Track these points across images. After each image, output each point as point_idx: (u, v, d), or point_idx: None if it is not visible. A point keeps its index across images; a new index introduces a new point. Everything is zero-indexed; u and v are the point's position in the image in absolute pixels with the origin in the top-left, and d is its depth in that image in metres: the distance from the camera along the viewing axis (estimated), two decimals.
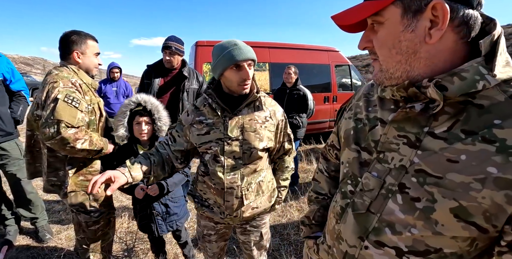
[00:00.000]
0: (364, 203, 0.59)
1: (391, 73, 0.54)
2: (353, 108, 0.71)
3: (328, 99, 5.55)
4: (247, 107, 1.20)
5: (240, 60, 1.07)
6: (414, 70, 0.51)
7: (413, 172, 0.51)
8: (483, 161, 0.44)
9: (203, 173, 1.25)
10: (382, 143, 0.57)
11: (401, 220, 0.52)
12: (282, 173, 1.41)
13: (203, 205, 1.29)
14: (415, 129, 0.52)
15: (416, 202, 0.50)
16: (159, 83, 2.30)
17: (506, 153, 0.42)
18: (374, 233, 0.57)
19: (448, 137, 0.48)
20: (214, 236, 1.39)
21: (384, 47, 0.52)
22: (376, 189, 0.57)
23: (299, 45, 5.45)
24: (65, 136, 1.37)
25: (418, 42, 0.49)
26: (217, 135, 1.17)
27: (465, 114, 0.47)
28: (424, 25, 0.47)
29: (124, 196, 3.28)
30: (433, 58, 0.49)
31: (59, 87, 1.41)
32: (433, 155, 0.49)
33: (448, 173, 0.47)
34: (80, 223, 1.63)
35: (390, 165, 0.55)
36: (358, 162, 0.63)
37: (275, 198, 1.37)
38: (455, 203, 0.46)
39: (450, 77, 0.47)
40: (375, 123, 0.61)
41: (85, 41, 1.54)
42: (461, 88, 0.46)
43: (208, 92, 1.19)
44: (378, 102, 0.62)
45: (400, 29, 0.49)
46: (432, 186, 0.48)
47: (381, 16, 0.51)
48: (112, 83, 4.01)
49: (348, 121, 0.70)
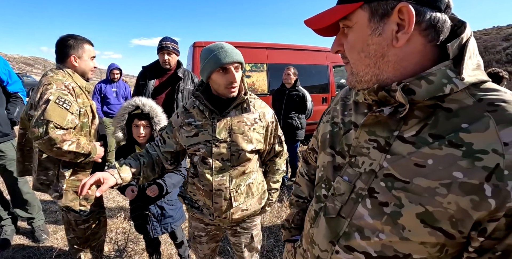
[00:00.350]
0: (335, 208, 0.59)
1: (361, 76, 0.54)
2: (331, 111, 0.71)
3: (326, 100, 5.55)
4: (235, 109, 1.20)
5: (226, 63, 1.08)
6: (383, 74, 0.51)
7: (382, 176, 0.51)
8: (450, 165, 0.44)
9: (193, 175, 1.26)
10: (354, 147, 0.57)
11: (369, 224, 0.52)
12: (273, 176, 1.41)
13: (193, 207, 1.30)
14: (385, 133, 0.52)
15: (384, 206, 0.50)
16: (154, 84, 2.31)
17: (472, 157, 0.42)
18: (345, 237, 0.57)
19: (416, 141, 0.48)
20: (205, 238, 1.40)
21: (354, 50, 0.53)
22: (347, 193, 0.57)
23: (297, 45, 5.45)
24: (53, 137, 1.39)
25: (385, 46, 0.49)
26: (205, 137, 1.17)
27: (434, 118, 0.47)
28: (391, 28, 0.47)
29: (121, 196, 3.29)
30: (401, 62, 0.49)
31: (52, 89, 1.44)
32: (401, 159, 0.49)
33: (415, 178, 0.47)
34: (70, 222, 1.65)
35: (361, 170, 0.55)
36: (332, 166, 0.63)
37: (265, 200, 1.37)
38: (421, 208, 0.46)
39: (418, 81, 0.47)
40: (350, 127, 0.61)
41: (81, 46, 1.58)
42: (428, 92, 0.46)
43: (196, 94, 1.19)
44: (353, 106, 0.63)
45: (368, 33, 0.50)
46: (400, 190, 0.48)
47: (349, 20, 0.51)
48: (112, 84, 4.03)
49: (326, 125, 0.70)
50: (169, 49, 2.25)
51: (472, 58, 0.47)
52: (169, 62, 2.29)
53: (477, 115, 0.43)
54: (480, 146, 0.42)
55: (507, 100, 0.43)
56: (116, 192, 3.40)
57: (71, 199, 1.61)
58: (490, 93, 0.45)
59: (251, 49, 4.80)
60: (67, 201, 1.60)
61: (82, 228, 1.66)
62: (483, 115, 0.43)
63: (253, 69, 4.92)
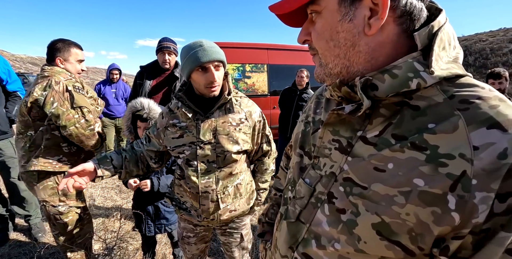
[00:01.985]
0: (295, 212, 0.55)
1: (330, 68, 0.48)
2: (307, 110, 0.67)
3: None
4: (219, 109, 1.17)
5: (204, 61, 1.04)
6: (353, 66, 0.46)
7: (342, 180, 0.47)
8: (410, 171, 0.38)
9: (179, 176, 1.24)
10: (318, 148, 0.53)
11: (326, 232, 0.48)
12: (261, 176, 1.40)
13: (181, 208, 1.28)
14: (348, 133, 0.48)
15: (342, 214, 0.45)
16: (151, 83, 2.33)
17: (435, 162, 0.36)
18: (303, 244, 0.52)
19: (378, 143, 0.43)
20: (193, 238, 1.39)
21: (322, 39, 0.47)
22: (306, 197, 0.53)
23: (297, 46, 5.43)
24: (88, 119, 1.62)
25: (356, 33, 0.43)
26: (190, 139, 1.15)
27: (399, 116, 0.42)
28: (363, 14, 0.42)
29: (119, 196, 3.32)
30: (373, 53, 0.44)
31: (61, 80, 1.57)
32: (361, 162, 0.44)
33: (374, 184, 0.42)
34: (50, 216, 1.69)
35: (322, 172, 0.51)
36: (298, 167, 0.59)
37: (253, 200, 1.36)
38: (377, 218, 0.41)
39: (381, 75, 0.42)
40: (318, 126, 0.57)
41: (68, 49, 1.66)
42: (392, 87, 0.41)
43: (179, 95, 1.16)
44: (324, 103, 0.59)
45: (338, 18, 0.44)
46: (357, 197, 0.43)
47: (317, 4, 0.46)
48: (112, 84, 4.05)
49: (300, 124, 0.66)
50: (170, 49, 2.27)
51: (447, 49, 0.41)
52: (169, 62, 2.31)
53: (446, 113, 0.38)
54: (446, 150, 0.36)
55: (482, 97, 0.37)
56: (114, 191, 3.43)
57: (50, 194, 1.65)
58: (465, 89, 0.39)
59: (251, 49, 4.81)
60: (46, 195, 1.64)
61: (61, 223, 1.69)
62: (453, 113, 0.37)
63: (253, 70, 4.92)
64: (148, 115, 1.60)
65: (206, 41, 1.09)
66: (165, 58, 2.28)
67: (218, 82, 1.12)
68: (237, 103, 1.22)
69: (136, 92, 2.37)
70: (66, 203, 1.69)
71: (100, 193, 3.33)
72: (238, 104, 1.22)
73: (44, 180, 1.64)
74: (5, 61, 2.35)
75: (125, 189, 3.45)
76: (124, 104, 4.18)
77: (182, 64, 1.11)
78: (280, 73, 5.05)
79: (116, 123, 4.07)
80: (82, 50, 1.74)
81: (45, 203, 1.65)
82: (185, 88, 1.19)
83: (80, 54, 1.72)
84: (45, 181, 1.64)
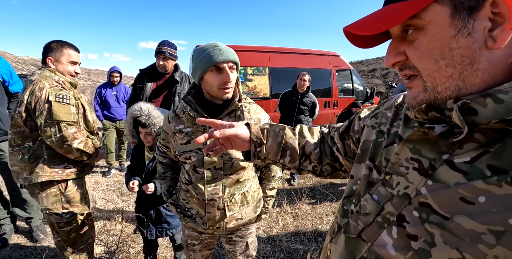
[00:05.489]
0: (357, 228, 0.52)
1: (438, 92, 0.42)
2: (379, 116, 0.61)
3: (329, 104, 5.53)
4: (228, 116, 1.13)
5: (220, 61, 1.00)
6: (467, 87, 0.40)
7: (417, 204, 0.43)
8: (507, 209, 0.34)
9: (187, 181, 1.20)
10: (392, 164, 0.49)
11: (391, 256, 0.45)
12: (268, 183, 1.36)
13: (185, 215, 1.25)
14: (432, 154, 0.43)
15: (413, 240, 0.42)
16: (152, 87, 2.33)
17: None
18: None
19: (469, 171, 0.38)
20: (198, 246, 1.36)
21: (429, 58, 0.41)
22: (372, 214, 0.49)
23: (299, 49, 5.46)
24: (65, 135, 1.51)
25: (477, 48, 0.38)
26: (197, 145, 1.12)
27: (499, 145, 0.37)
28: (483, 25, 0.37)
29: (120, 198, 3.31)
30: (492, 69, 0.38)
31: (45, 87, 1.49)
32: (445, 189, 0.40)
33: (458, 215, 0.38)
34: (53, 224, 1.65)
35: (394, 191, 0.47)
36: (366, 181, 0.55)
37: (260, 208, 1.33)
38: (457, 254, 0.37)
39: (482, 99, 0.37)
40: (394, 139, 0.52)
41: (61, 49, 1.61)
42: (496, 113, 0.36)
43: (187, 99, 1.12)
44: (403, 116, 0.54)
45: (451, 34, 0.38)
46: (435, 226, 0.40)
47: (420, 19, 0.40)
48: (112, 87, 4.05)
49: (371, 131, 0.60)
50: (165, 54, 2.25)
51: None
52: (164, 67, 2.30)
53: None
54: None
55: None
56: (115, 194, 3.42)
57: (53, 201, 1.61)
58: None
59: (253, 52, 4.83)
60: (49, 203, 1.60)
61: (65, 231, 1.65)
62: None
63: (255, 73, 4.94)
64: (148, 120, 1.58)
65: (220, 43, 1.06)
66: (160, 63, 2.28)
67: (232, 84, 1.07)
68: (246, 109, 1.18)
69: (136, 96, 2.37)
70: (70, 210, 1.66)
71: (102, 196, 3.32)
72: (247, 110, 1.18)
73: (47, 187, 1.60)
74: (7, 62, 2.37)
75: (127, 192, 3.44)
76: (125, 106, 4.18)
77: (194, 65, 1.07)
78: (281, 76, 5.07)
79: (117, 125, 4.07)
80: (77, 52, 1.67)
81: (48, 211, 1.62)
82: (193, 92, 1.15)
83: (74, 55, 1.65)
84: (48, 189, 1.60)
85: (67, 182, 1.65)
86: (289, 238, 2.48)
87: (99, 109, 4.00)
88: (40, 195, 1.60)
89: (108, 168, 4.16)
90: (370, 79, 17.81)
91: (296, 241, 2.44)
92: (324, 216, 2.91)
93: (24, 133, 1.55)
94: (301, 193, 3.37)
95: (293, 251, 2.29)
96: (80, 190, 1.71)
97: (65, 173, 1.62)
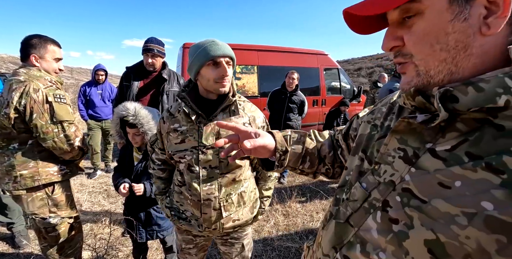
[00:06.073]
0: (346, 213, 0.55)
1: (431, 75, 0.44)
2: (375, 112, 0.64)
3: (317, 102, 5.58)
4: (223, 112, 1.13)
5: (217, 55, 1.02)
6: (459, 72, 0.42)
7: (400, 190, 0.45)
8: (480, 193, 0.36)
9: (180, 183, 1.19)
10: (381, 154, 0.52)
11: (374, 239, 0.47)
12: (265, 183, 1.36)
13: (180, 218, 1.22)
14: (416, 143, 0.46)
15: (394, 224, 0.45)
16: (139, 85, 2.27)
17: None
18: (347, 246, 0.53)
19: (448, 158, 0.41)
20: (194, 250, 1.34)
21: (425, 42, 0.42)
22: (360, 201, 0.52)
23: (287, 48, 5.48)
24: (68, 134, 1.52)
25: (471, 34, 0.39)
26: (192, 144, 1.11)
27: (478, 134, 0.39)
28: (478, 12, 0.39)
29: (106, 200, 3.22)
30: (483, 56, 0.40)
31: (40, 88, 1.44)
32: (425, 175, 0.42)
33: (435, 199, 0.40)
34: (40, 230, 1.59)
35: (381, 179, 0.50)
36: (358, 171, 0.58)
37: (257, 209, 1.31)
38: (432, 235, 0.39)
39: (464, 87, 0.39)
40: (386, 132, 0.55)
41: (45, 46, 1.53)
42: (475, 101, 0.38)
43: (182, 96, 1.12)
44: (397, 110, 0.57)
45: (448, 18, 0.40)
46: (413, 209, 0.42)
47: (420, 3, 0.41)
48: (97, 86, 3.93)
49: (366, 126, 0.63)
50: (154, 52, 2.21)
51: None
52: (152, 65, 2.26)
53: None
54: None
55: None
56: (102, 196, 3.33)
57: (39, 205, 1.54)
58: None
59: (242, 51, 4.79)
60: (35, 208, 1.53)
61: (53, 236, 1.60)
62: None
63: (243, 71, 4.92)
64: (135, 120, 1.54)
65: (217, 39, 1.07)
66: (148, 61, 2.24)
67: (229, 78, 1.08)
68: (241, 107, 1.17)
69: (122, 94, 2.30)
70: (58, 214, 1.59)
71: (87, 198, 3.22)
72: (241, 108, 1.18)
73: (33, 191, 1.53)
74: None
75: (113, 194, 3.36)
76: (111, 105, 4.07)
77: (191, 61, 1.07)
78: (270, 75, 5.07)
79: (102, 125, 3.96)
80: (60, 48, 1.61)
81: (35, 216, 1.55)
82: (188, 89, 1.15)
83: (58, 52, 1.59)
84: (34, 193, 1.53)
85: (54, 185, 1.59)
86: (281, 237, 2.49)
87: (84, 108, 3.86)
88: (25, 200, 1.53)
89: (93, 169, 4.04)
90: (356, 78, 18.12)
91: (287, 239, 2.46)
92: (314, 213, 2.94)
93: (11, 134, 1.48)
94: (291, 191, 3.40)
95: (285, 249, 2.30)
96: (67, 193, 1.66)
97: (60, 174, 1.57)
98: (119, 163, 1.76)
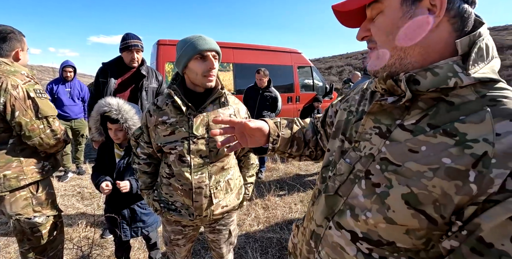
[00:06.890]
0: (334, 186, 0.63)
1: (386, 59, 0.55)
2: (350, 100, 0.74)
3: (292, 99, 5.74)
4: (212, 103, 1.20)
5: (204, 49, 1.08)
6: (407, 58, 0.53)
7: (379, 160, 0.54)
8: (440, 152, 0.46)
9: (168, 175, 1.22)
10: (359, 133, 0.61)
11: (361, 203, 0.55)
12: (248, 170, 1.44)
13: (170, 209, 1.25)
14: (388, 121, 0.56)
15: (376, 187, 0.53)
16: (116, 82, 2.22)
17: (463, 145, 0.44)
18: (338, 214, 0.60)
19: (414, 130, 0.51)
20: (182, 240, 1.37)
21: (382, 32, 0.55)
22: (346, 173, 0.60)
23: (263, 46, 5.56)
24: (54, 128, 1.50)
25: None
26: (182, 134, 1.15)
27: (435, 109, 0.50)
28: (422, 12, 0.50)
29: (81, 203, 3.10)
30: (427, 47, 0.51)
31: (19, 84, 1.38)
32: (398, 145, 0.52)
33: (407, 162, 0.49)
34: (24, 231, 1.51)
35: (362, 153, 0.59)
36: (340, 151, 0.66)
37: (242, 195, 1.39)
38: (407, 189, 0.48)
39: (424, 72, 0.50)
40: (362, 116, 0.64)
41: (22, 38, 1.51)
42: (432, 83, 0.49)
43: (173, 88, 1.16)
44: (369, 96, 0.67)
45: (399, 16, 0.52)
46: (391, 173, 0.51)
47: (381, 3, 0.54)
48: (65, 83, 3.72)
49: (342, 113, 0.73)
50: (138, 47, 2.19)
51: (484, 57, 0.49)
52: (137, 61, 2.24)
53: (476, 108, 0.45)
54: (473, 136, 0.43)
55: (509, 97, 0.45)
56: (75, 199, 3.19)
57: (23, 206, 1.48)
58: (496, 91, 0.46)
59: None
60: (19, 208, 1.47)
61: (39, 236, 1.54)
62: (482, 109, 0.45)
63: (219, 69, 4.91)
64: (118, 115, 1.53)
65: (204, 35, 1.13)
66: (133, 57, 2.20)
67: (215, 72, 1.14)
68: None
69: (99, 91, 2.23)
70: (43, 212, 1.53)
71: (60, 202, 3.07)
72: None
73: (16, 190, 1.45)
74: None
75: (87, 196, 3.23)
76: (80, 104, 3.88)
77: (178, 55, 1.12)
78: (245, 72, 5.12)
79: (72, 125, 3.77)
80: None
81: (19, 216, 1.47)
82: (176, 83, 1.20)
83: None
84: (17, 192, 1.45)
85: (38, 183, 1.53)
86: (262, 229, 2.57)
87: None
88: (8, 201, 1.45)
89: (64, 172, 3.83)
90: (327, 76, 18.69)
91: (268, 230, 2.54)
92: (292, 205, 3.06)
93: None
94: (270, 185, 3.49)
95: (267, 239, 2.39)
96: (50, 191, 1.60)
97: (44, 172, 1.52)
98: (98, 162, 1.73)
